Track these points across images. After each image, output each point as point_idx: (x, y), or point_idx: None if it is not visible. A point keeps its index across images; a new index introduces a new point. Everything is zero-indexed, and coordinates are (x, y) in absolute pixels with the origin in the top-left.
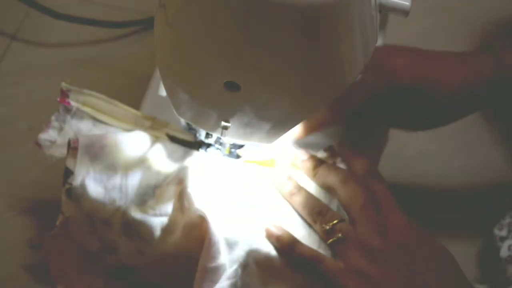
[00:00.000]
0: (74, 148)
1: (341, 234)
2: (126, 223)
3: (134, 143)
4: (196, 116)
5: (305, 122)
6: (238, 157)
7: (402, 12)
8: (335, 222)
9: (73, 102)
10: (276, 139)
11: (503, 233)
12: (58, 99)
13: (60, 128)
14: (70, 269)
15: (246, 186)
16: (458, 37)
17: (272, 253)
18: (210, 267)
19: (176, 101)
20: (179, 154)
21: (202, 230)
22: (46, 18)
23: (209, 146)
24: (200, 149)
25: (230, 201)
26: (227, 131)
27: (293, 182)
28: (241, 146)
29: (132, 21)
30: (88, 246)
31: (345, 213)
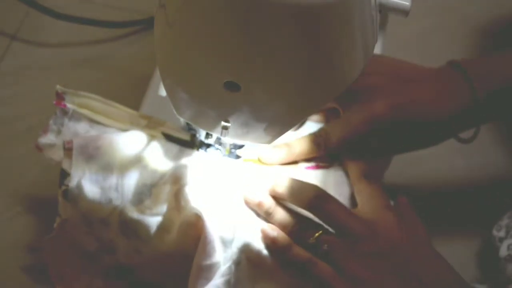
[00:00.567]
0: (69, 149)
1: (327, 245)
2: (123, 222)
3: (129, 143)
4: (196, 116)
5: (290, 149)
6: (238, 157)
7: (402, 12)
8: (320, 233)
9: (69, 104)
10: (276, 139)
11: (501, 234)
12: (54, 102)
13: (58, 131)
14: (69, 269)
15: (245, 186)
16: (458, 37)
17: (264, 251)
18: (205, 265)
19: (176, 101)
20: (175, 152)
21: (198, 229)
22: (46, 18)
23: (209, 146)
24: (200, 149)
25: (228, 200)
26: (227, 131)
27: (268, 201)
28: (241, 146)
29: (132, 21)
30: (86, 246)
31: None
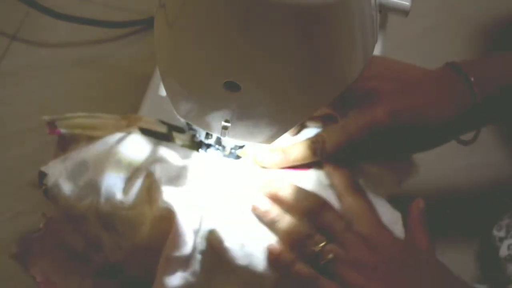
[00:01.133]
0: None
1: (332, 255)
2: (100, 217)
3: (105, 139)
4: (196, 116)
5: (286, 154)
6: (238, 157)
7: (402, 12)
8: (324, 243)
9: (62, 130)
10: (276, 139)
11: (502, 234)
12: (48, 132)
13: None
14: (57, 271)
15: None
16: (458, 37)
17: (226, 243)
18: (174, 257)
19: (176, 101)
20: (151, 146)
21: (171, 223)
22: (46, 18)
23: (209, 146)
24: (200, 149)
25: (226, 199)
26: (227, 131)
27: (276, 209)
28: (241, 147)
29: (132, 21)
30: (74, 246)
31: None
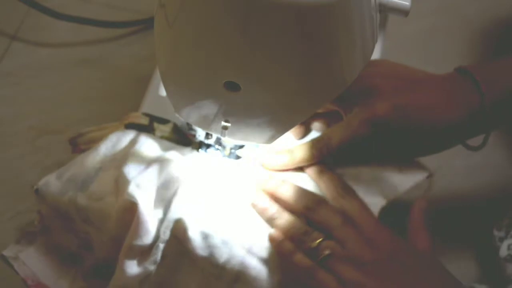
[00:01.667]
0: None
1: (328, 251)
2: (79, 211)
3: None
4: (196, 116)
5: (292, 155)
6: (238, 157)
7: (402, 12)
8: (321, 239)
9: (83, 146)
10: (276, 139)
11: (502, 234)
12: (72, 152)
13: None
14: (49, 274)
15: (245, 187)
16: (458, 37)
17: (190, 231)
18: (135, 245)
19: (176, 101)
20: (130, 138)
21: (135, 214)
22: (46, 18)
23: (209, 146)
24: (200, 149)
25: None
26: (227, 131)
27: (274, 206)
28: (241, 147)
29: (132, 21)
30: (68, 246)
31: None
